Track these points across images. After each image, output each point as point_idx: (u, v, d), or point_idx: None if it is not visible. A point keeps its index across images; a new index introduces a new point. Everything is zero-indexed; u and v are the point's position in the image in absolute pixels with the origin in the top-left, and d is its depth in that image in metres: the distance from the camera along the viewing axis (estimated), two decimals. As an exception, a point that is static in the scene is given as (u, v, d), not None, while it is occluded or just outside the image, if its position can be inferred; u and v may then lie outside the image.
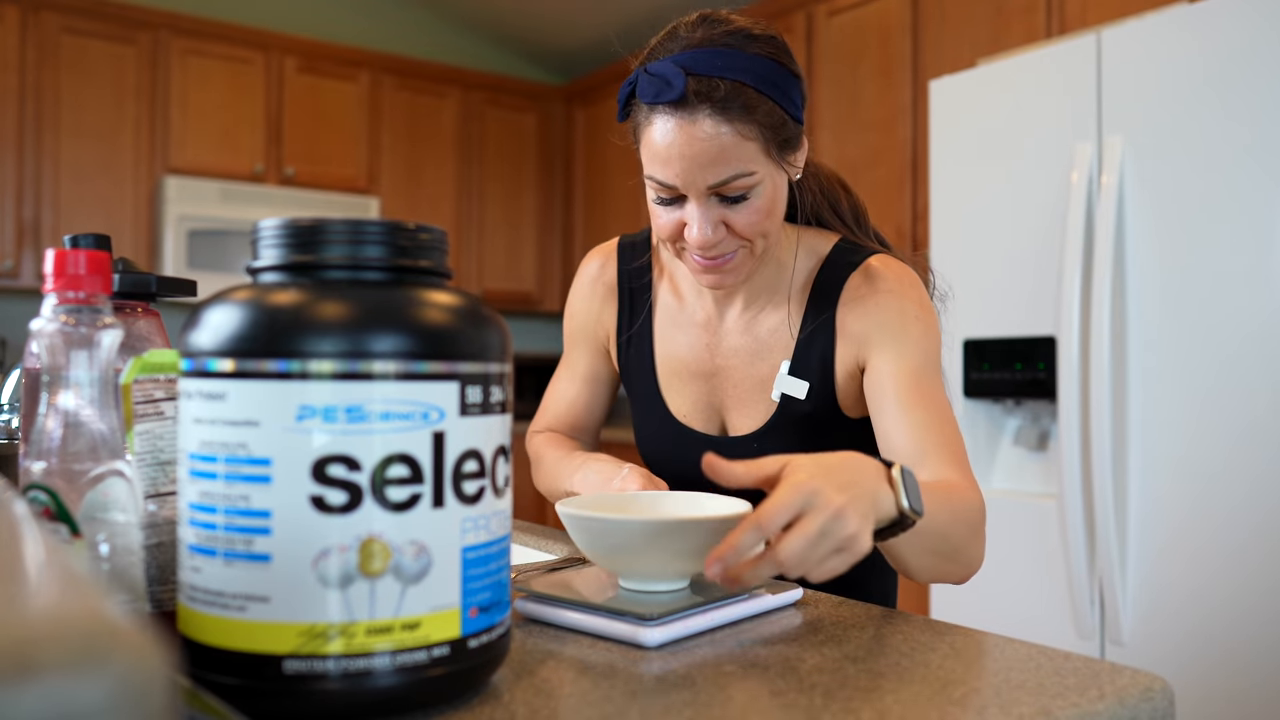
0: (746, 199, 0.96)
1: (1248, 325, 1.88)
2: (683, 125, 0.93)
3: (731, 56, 0.93)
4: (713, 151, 0.93)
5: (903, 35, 3.03)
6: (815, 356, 1.06)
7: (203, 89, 3.82)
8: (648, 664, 0.69)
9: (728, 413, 1.12)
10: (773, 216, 0.99)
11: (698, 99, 0.92)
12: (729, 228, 0.97)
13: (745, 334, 1.10)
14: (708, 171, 0.94)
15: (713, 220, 0.96)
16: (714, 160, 0.93)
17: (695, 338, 1.13)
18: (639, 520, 0.77)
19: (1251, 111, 1.89)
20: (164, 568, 0.67)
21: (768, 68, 0.94)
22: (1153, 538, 2.01)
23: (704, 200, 0.96)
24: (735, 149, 0.93)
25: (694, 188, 0.95)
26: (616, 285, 1.19)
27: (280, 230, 0.59)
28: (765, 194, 0.97)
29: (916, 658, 0.72)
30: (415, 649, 0.55)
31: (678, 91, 0.92)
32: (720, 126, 0.92)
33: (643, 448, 1.19)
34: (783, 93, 0.95)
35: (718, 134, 0.92)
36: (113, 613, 0.28)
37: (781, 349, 1.08)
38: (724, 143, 0.92)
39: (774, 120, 0.95)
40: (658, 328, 1.16)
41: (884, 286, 1.04)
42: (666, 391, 1.14)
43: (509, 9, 4.38)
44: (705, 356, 1.12)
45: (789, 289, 1.09)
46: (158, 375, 0.67)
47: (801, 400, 1.06)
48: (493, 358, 0.60)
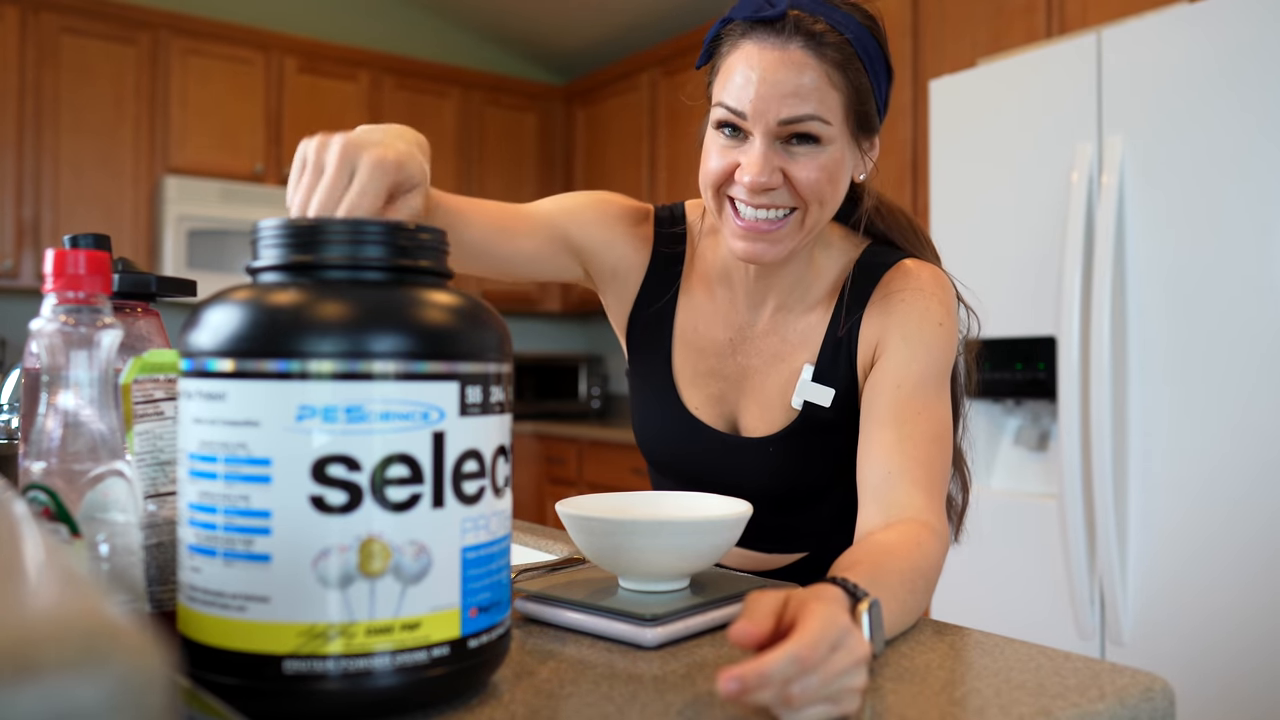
0: (814, 147, 0.91)
1: (1248, 325, 1.88)
2: (773, 48, 0.89)
3: (839, 13, 0.91)
4: (795, 83, 0.89)
5: (903, 35, 3.03)
6: (842, 364, 1.02)
7: (202, 89, 3.82)
8: (648, 664, 0.69)
9: (741, 412, 1.07)
10: (833, 184, 0.94)
11: (796, 26, 0.89)
12: (786, 178, 0.92)
13: (773, 335, 1.06)
14: (785, 103, 0.89)
15: (772, 163, 0.91)
16: (794, 92, 0.89)
17: (720, 332, 1.08)
18: (639, 520, 0.76)
19: (1252, 111, 1.88)
20: (164, 568, 0.67)
21: (871, 43, 0.93)
22: (1153, 538, 2.01)
23: (769, 139, 0.91)
24: (819, 90, 0.89)
25: (763, 120, 0.90)
26: (651, 251, 1.11)
27: (280, 230, 0.59)
28: (833, 155, 0.92)
29: (916, 658, 0.72)
30: (415, 649, 0.55)
31: (779, 9, 0.89)
32: (810, 58, 0.89)
33: (645, 435, 1.13)
34: (876, 73, 0.93)
35: (806, 65, 0.89)
36: (113, 613, 0.28)
37: (806, 353, 1.04)
38: (810, 78, 0.89)
39: (862, 88, 0.92)
40: (680, 315, 1.09)
41: (913, 284, 1.00)
42: (680, 382, 1.09)
43: (509, 9, 4.38)
44: (728, 353, 1.07)
45: (821, 292, 1.05)
46: (157, 375, 0.67)
47: (825, 408, 1.02)
48: (492, 358, 0.60)
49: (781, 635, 0.59)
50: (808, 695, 0.56)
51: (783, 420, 1.04)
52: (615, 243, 1.09)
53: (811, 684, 0.56)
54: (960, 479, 1.14)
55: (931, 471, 0.91)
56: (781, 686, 0.56)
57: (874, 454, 0.92)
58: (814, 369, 1.02)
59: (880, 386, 0.96)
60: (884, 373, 0.97)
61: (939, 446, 0.93)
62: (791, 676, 0.56)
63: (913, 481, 0.90)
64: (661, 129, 4.04)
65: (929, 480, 0.90)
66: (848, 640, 0.59)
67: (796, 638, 0.57)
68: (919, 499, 0.89)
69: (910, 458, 0.91)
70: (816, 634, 0.57)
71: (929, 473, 0.91)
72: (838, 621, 0.59)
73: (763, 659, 0.55)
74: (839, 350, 1.02)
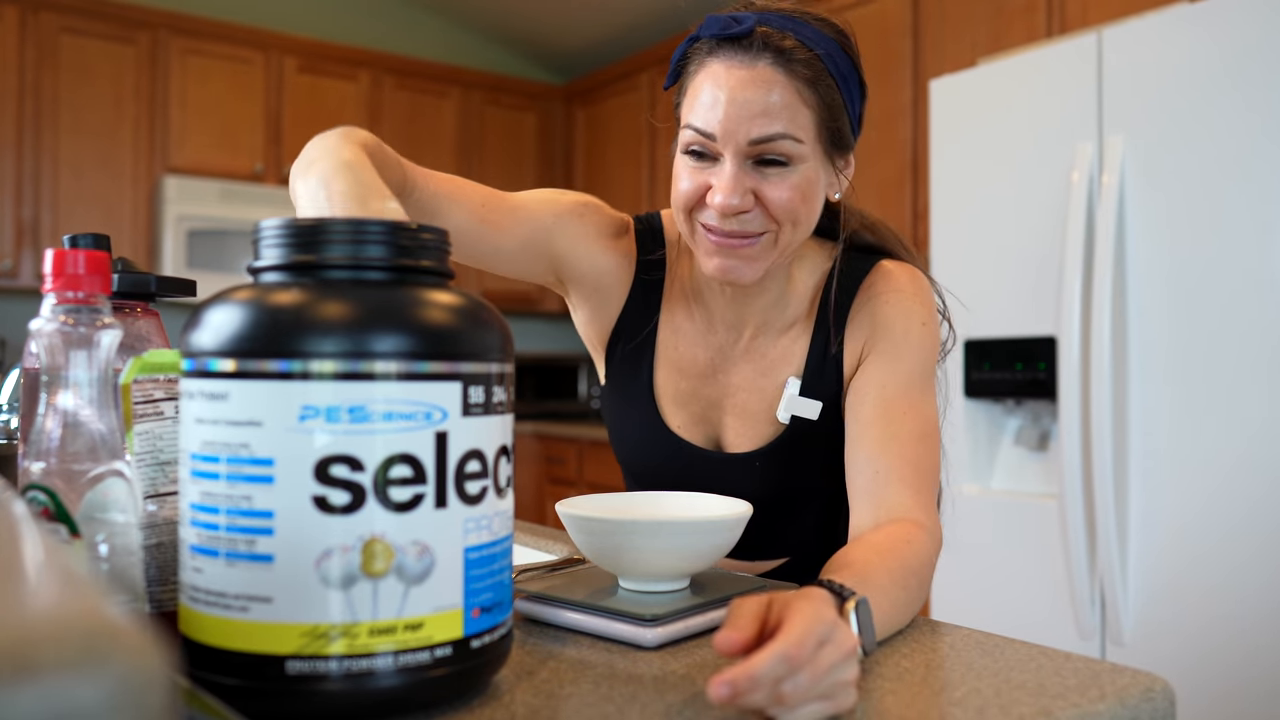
0: (785, 168, 0.89)
1: (1249, 324, 1.88)
2: (741, 66, 0.87)
3: (808, 29, 0.89)
4: (765, 102, 0.87)
5: (903, 35, 3.03)
6: (830, 376, 1.01)
7: (202, 88, 3.81)
8: (648, 664, 0.69)
9: (724, 429, 1.06)
10: (807, 204, 0.92)
11: (765, 43, 0.87)
12: (759, 200, 0.90)
13: (753, 354, 1.05)
14: (754, 123, 0.87)
15: (743, 185, 0.89)
16: (764, 111, 0.87)
17: (700, 353, 1.06)
18: (639, 520, 0.76)
19: (1253, 110, 1.88)
20: (164, 568, 0.67)
21: (842, 58, 0.91)
22: (1153, 537, 2.01)
23: (739, 160, 0.89)
24: (789, 108, 0.88)
25: (733, 140, 0.88)
26: (634, 269, 1.08)
27: (282, 230, 0.59)
28: (805, 174, 0.90)
29: (916, 658, 0.72)
30: (418, 649, 0.55)
31: (746, 27, 0.87)
32: (779, 75, 0.87)
33: (627, 455, 1.11)
34: (848, 88, 0.91)
35: (775, 83, 0.87)
36: (112, 613, 0.28)
37: (790, 368, 1.03)
38: (780, 95, 0.87)
39: (834, 104, 0.90)
40: (662, 334, 1.08)
41: (894, 286, 1.00)
42: (663, 401, 1.07)
43: (509, 9, 4.38)
44: (709, 373, 1.06)
45: (801, 307, 1.04)
46: (157, 375, 0.67)
47: (814, 421, 1.01)
48: (494, 358, 0.60)
49: (768, 639, 0.59)
50: (799, 693, 0.56)
51: (769, 434, 1.04)
52: (598, 257, 1.06)
53: (802, 681, 0.56)
54: None
55: (920, 469, 0.91)
56: (772, 687, 0.56)
57: (862, 455, 0.92)
58: (800, 382, 1.02)
59: (865, 389, 0.96)
60: (868, 375, 0.96)
61: (926, 445, 0.93)
62: (781, 676, 0.56)
63: (901, 480, 0.89)
64: (661, 129, 4.04)
65: (918, 478, 0.90)
66: (834, 635, 0.59)
67: (783, 637, 0.57)
68: (908, 497, 0.89)
69: (898, 457, 0.90)
70: (802, 631, 0.57)
71: (917, 470, 0.90)
72: (823, 618, 0.59)
73: (751, 661, 0.55)
74: (825, 363, 1.01)
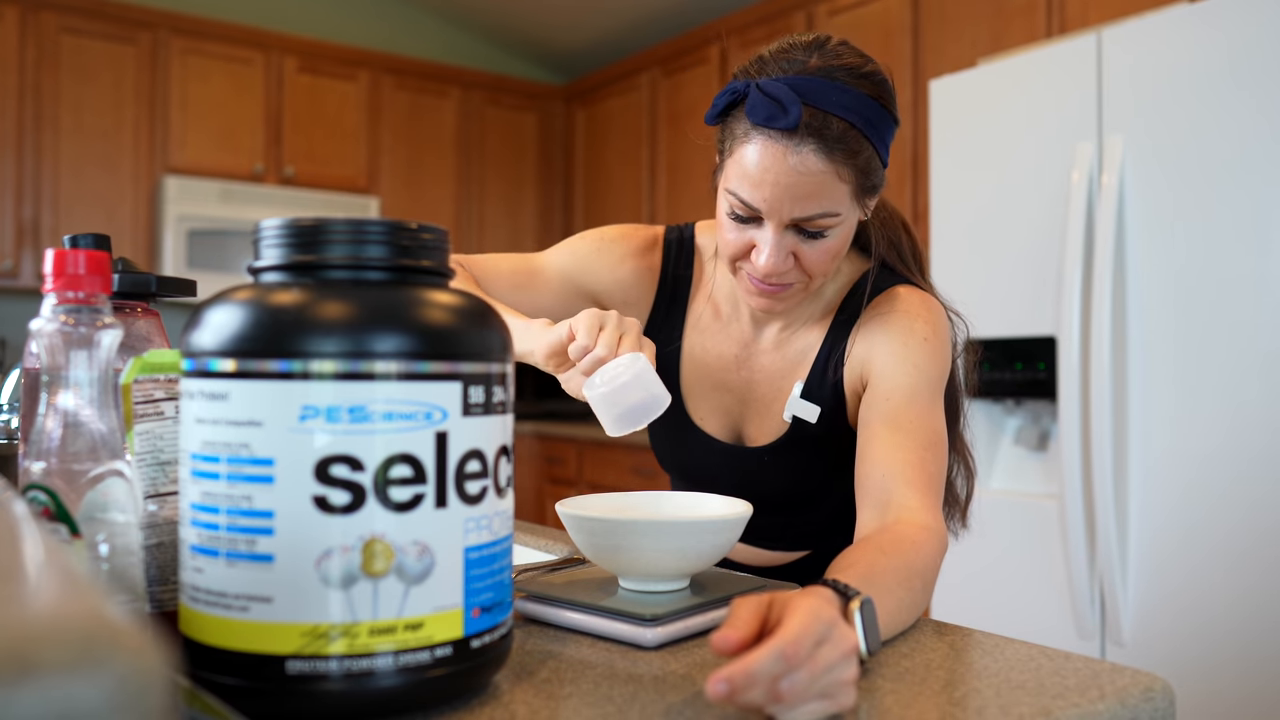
0: (824, 237, 0.95)
1: (1248, 324, 1.88)
2: (786, 154, 0.91)
3: (846, 94, 0.91)
4: (808, 187, 0.91)
5: (903, 35, 3.03)
6: (829, 382, 1.05)
7: (202, 89, 3.81)
8: (648, 664, 0.69)
9: (746, 424, 1.12)
10: (839, 256, 0.99)
11: (808, 131, 0.90)
12: (797, 260, 0.96)
13: (776, 352, 1.10)
14: (797, 205, 0.92)
15: (785, 250, 0.95)
16: (807, 195, 0.92)
17: (726, 350, 1.12)
18: (639, 520, 0.76)
19: (1252, 111, 1.88)
20: (164, 568, 0.67)
21: (876, 111, 0.93)
22: (1153, 537, 2.01)
23: (781, 230, 0.94)
24: (829, 189, 0.92)
25: (777, 216, 0.94)
26: (659, 280, 1.17)
27: (282, 230, 0.59)
28: (841, 235, 0.97)
29: (916, 658, 0.72)
30: (418, 649, 0.55)
31: (793, 119, 0.90)
32: (822, 164, 0.91)
33: (655, 446, 1.19)
34: (881, 138, 0.95)
35: (818, 171, 0.91)
36: (112, 613, 0.28)
37: (802, 370, 1.08)
38: (822, 181, 0.91)
39: (870, 166, 0.94)
40: (688, 333, 1.15)
41: (900, 307, 1.03)
42: (688, 396, 1.14)
43: (509, 9, 4.38)
44: (733, 369, 1.12)
45: (824, 309, 1.09)
46: (158, 375, 0.67)
47: (812, 424, 1.06)
48: (494, 358, 0.60)
49: (768, 636, 0.59)
50: (797, 691, 0.56)
51: (778, 431, 1.09)
52: (625, 280, 1.16)
53: (800, 679, 0.56)
54: (965, 468, 1.16)
55: (926, 473, 0.92)
56: (770, 684, 0.56)
57: (869, 458, 0.94)
58: (804, 386, 1.06)
59: (872, 401, 0.99)
60: (875, 389, 1.00)
61: (933, 452, 0.95)
62: (778, 673, 0.56)
63: (907, 483, 0.91)
64: (661, 129, 4.04)
65: (924, 482, 0.91)
66: (833, 634, 0.59)
67: (780, 634, 0.57)
68: (914, 500, 0.90)
69: (904, 461, 0.92)
70: (800, 629, 0.57)
71: (923, 474, 0.92)
72: (822, 616, 0.59)
73: (748, 658, 0.55)
74: (826, 369, 1.06)
